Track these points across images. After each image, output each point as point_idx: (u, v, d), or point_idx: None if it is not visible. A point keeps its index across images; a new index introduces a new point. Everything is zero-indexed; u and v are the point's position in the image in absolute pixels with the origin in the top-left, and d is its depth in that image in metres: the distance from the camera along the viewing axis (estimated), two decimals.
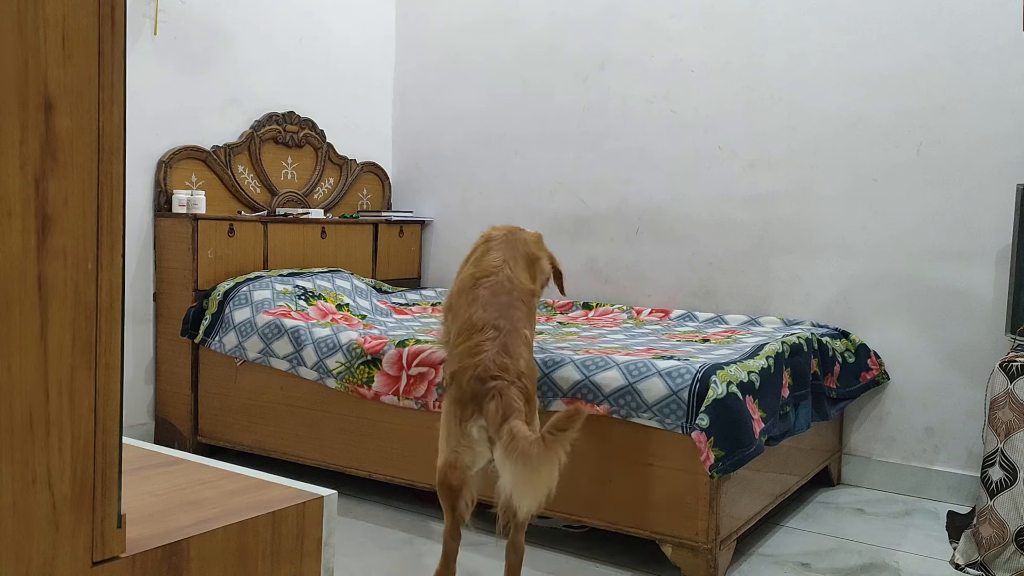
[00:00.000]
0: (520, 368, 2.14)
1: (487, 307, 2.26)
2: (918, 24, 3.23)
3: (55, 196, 0.74)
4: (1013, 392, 2.47)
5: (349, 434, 2.97)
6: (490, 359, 2.12)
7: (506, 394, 2.06)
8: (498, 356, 2.13)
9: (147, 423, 3.52)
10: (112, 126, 0.77)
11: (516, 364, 2.13)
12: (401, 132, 4.55)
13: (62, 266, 0.74)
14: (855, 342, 3.26)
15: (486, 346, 2.15)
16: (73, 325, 0.76)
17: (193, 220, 3.40)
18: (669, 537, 2.38)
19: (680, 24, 3.74)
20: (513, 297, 2.32)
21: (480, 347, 2.16)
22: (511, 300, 2.31)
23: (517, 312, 2.29)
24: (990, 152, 3.12)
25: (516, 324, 2.24)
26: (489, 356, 2.13)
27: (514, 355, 2.15)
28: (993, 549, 2.48)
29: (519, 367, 2.14)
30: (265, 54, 3.92)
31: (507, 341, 2.17)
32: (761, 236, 3.56)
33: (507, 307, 2.28)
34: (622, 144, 3.87)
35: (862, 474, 3.36)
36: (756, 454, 2.35)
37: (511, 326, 2.22)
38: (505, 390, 2.07)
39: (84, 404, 0.77)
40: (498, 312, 2.25)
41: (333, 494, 1.04)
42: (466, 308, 2.28)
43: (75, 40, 0.74)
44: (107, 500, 0.79)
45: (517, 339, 2.21)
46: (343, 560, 2.48)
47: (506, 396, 2.06)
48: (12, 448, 0.72)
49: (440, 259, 4.44)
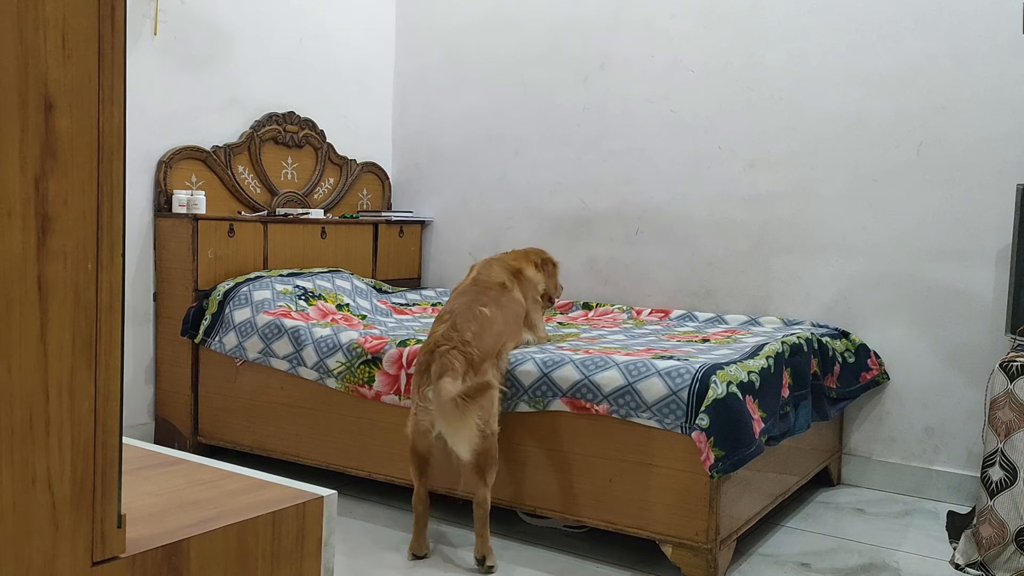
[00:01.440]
0: (465, 338, 2.47)
1: (449, 304, 2.69)
2: (918, 24, 3.23)
3: (55, 196, 0.74)
4: (1013, 392, 2.47)
5: (349, 434, 2.96)
6: (439, 334, 2.50)
7: (445, 357, 2.41)
8: (447, 331, 2.49)
9: (147, 423, 3.52)
10: (112, 126, 0.77)
11: (461, 335, 2.47)
12: (401, 132, 4.55)
13: (62, 266, 0.74)
14: (855, 342, 3.26)
15: (439, 328, 2.55)
16: (73, 325, 0.76)
17: (193, 220, 3.40)
18: (669, 537, 2.38)
19: (680, 24, 3.74)
20: (475, 292, 2.71)
21: (435, 329, 2.56)
22: (473, 294, 2.70)
23: (475, 300, 2.66)
24: (990, 152, 3.12)
25: (470, 307, 2.61)
26: (439, 332, 2.51)
27: (461, 329, 2.49)
28: (993, 549, 2.48)
29: (464, 337, 2.47)
30: (265, 54, 3.92)
31: (456, 320, 2.53)
32: (761, 236, 3.56)
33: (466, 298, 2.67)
34: (622, 144, 3.87)
35: (862, 474, 3.36)
36: (756, 454, 2.35)
37: (464, 309, 2.59)
38: (444, 354, 2.42)
39: (84, 404, 0.77)
40: (455, 304, 2.64)
41: (333, 494, 1.04)
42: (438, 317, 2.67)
43: (75, 40, 0.74)
44: (107, 500, 0.79)
45: (468, 317, 2.55)
46: (343, 560, 2.48)
47: (444, 359, 2.41)
48: (12, 448, 0.72)
49: (440, 259, 4.44)
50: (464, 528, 2.78)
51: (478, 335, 2.51)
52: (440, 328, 2.53)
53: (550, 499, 2.58)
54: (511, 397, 2.61)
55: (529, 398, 2.58)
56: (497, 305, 2.69)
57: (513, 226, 4.18)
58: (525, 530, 2.78)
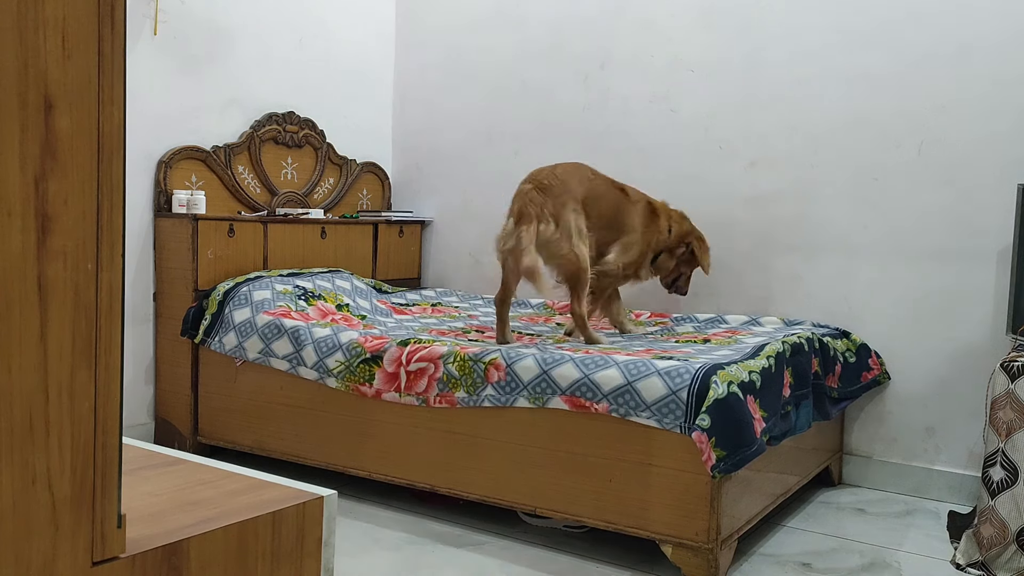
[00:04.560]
0: (549, 208, 2.95)
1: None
2: (918, 23, 3.23)
3: (55, 196, 0.74)
4: (1014, 392, 2.47)
5: (349, 434, 2.96)
6: (529, 197, 2.97)
7: (527, 208, 2.93)
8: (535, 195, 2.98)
9: (147, 423, 3.52)
10: (112, 126, 0.77)
11: (545, 202, 2.95)
12: (401, 132, 4.55)
13: (62, 266, 0.74)
14: (856, 342, 3.26)
15: (534, 195, 2.98)
16: (73, 325, 0.75)
17: (193, 220, 3.40)
18: (669, 537, 2.38)
19: (680, 24, 3.73)
20: (602, 179, 3.20)
21: (530, 195, 2.99)
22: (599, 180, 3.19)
23: (594, 178, 3.16)
24: (991, 152, 3.12)
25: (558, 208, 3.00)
26: (529, 195, 2.98)
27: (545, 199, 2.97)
28: (994, 549, 2.48)
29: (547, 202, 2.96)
30: (265, 54, 3.92)
31: (546, 197, 2.98)
32: (762, 236, 3.56)
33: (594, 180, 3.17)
34: (622, 143, 3.87)
35: (863, 474, 3.36)
36: (758, 454, 2.35)
37: (555, 201, 2.99)
38: (527, 206, 2.94)
39: (84, 404, 0.77)
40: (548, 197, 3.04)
41: (333, 494, 1.04)
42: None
43: (75, 40, 0.74)
44: (107, 500, 0.79)
45: (556, 204, 2.98)
46: (343, 560, 2.48)
47: (527, 210, 2.93)
48: (12, 448, 0.72)
49: (440, 259, 4.44)
50: (464, 528, 2.78)
51: (556, 208, 2.95)
52: (533, 195, 2.98)
53: (550, 499, 2.58)
54: (511, 392, 2.61)
55: (529, 394, 2.58)
56: (601, 192, 3.12)
57: None
58: (525, 530, 2.78)
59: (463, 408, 2.71)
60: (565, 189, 2.99)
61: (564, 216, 2.94)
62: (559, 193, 2.96)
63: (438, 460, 2.78)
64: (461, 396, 2.70)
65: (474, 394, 2.68)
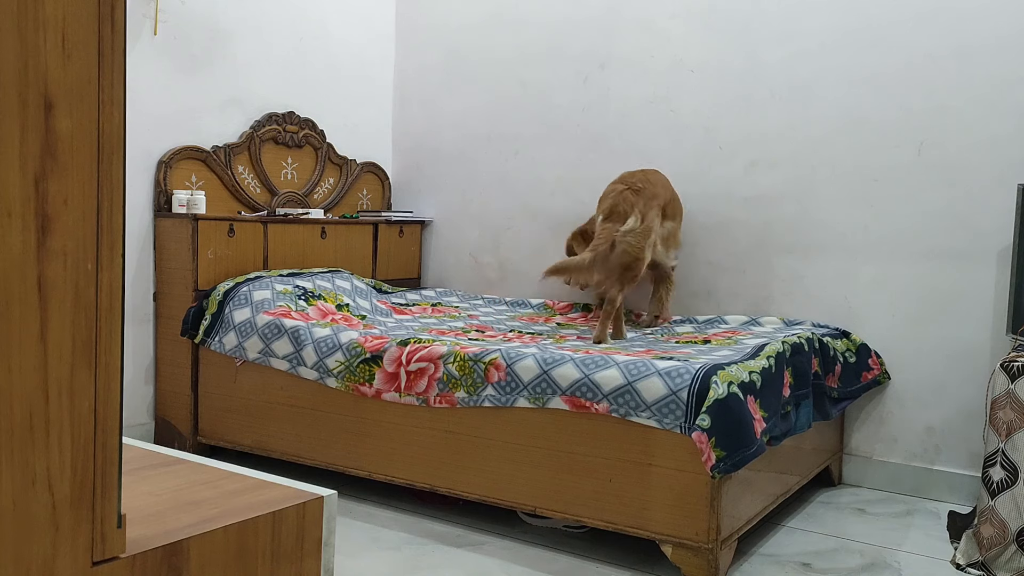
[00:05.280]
0: (640, 207, 3.23)
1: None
2: (919, 24, 3.23)
3: (55, 196, 0.74)
4: (1014, 392, 2.47)
5: (349, 434, 2.96)
6: (623, 196, 3.25)
7: (620, 207, 3.22)
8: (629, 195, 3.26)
9: (147, 423, 3.52)
10: (112, 126, 0.77)
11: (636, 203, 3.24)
12: (401, 132, 4.55)
13: (62, 266, 0.74)
14: (856, 342, 3.26)
15: (627, 195, 3.26)
16: (73, 325, 0.75)
17: (193, 220, 3.40)
18: (669, 537, 2.38)
19: (680, 24, 3.73)
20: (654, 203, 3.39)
21: (624, 195, 3.27)
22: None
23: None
24: (991, 152, 3.12)
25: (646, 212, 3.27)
26: (623, 195, 3.26)
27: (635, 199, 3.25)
28: (994, 549, 2.48)
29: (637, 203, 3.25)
30: (265, 54, 3.92)
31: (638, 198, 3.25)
32: (762, 236, 3.56)
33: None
34: (622, 144, 3.87)
35: (863, 474, 3.36)
36: (758, 454, 2.35)
37: (645, 203, 3.27)
38: (619, 205, 3.24)
39: (84, 404, 0.77)
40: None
41: (333, 494, 1.04)
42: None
43: (75, 40, 0.74)
44: (107, 500, 0.79)
45: (643, 203, 3.26)
46: (343, 560, 2.48)
47: (619, 208, 3.21)
48: (12, 448, 0.72)
49: (440, 259, 4.44)
50: (464, 528, 2.78)
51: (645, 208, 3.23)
52: (629, 196, 3.25)
53: (550, 499, 2.58)
54: (511, 392, 2.61)
55: (529, 394, 2.58)
56: (673, 202, 3.47)
57: (513, 226, 4.18)
58: (525, 530, 2.78)
59: (463, 408, 2.71)
60: (653, 194, 3.27)
61: (649, 217, 3.22)
62: (649, 196, 3.25)
63: (438, 460, 2.78)
64: (461, 396, 2.70)
65: (474, 394, 2.68)
